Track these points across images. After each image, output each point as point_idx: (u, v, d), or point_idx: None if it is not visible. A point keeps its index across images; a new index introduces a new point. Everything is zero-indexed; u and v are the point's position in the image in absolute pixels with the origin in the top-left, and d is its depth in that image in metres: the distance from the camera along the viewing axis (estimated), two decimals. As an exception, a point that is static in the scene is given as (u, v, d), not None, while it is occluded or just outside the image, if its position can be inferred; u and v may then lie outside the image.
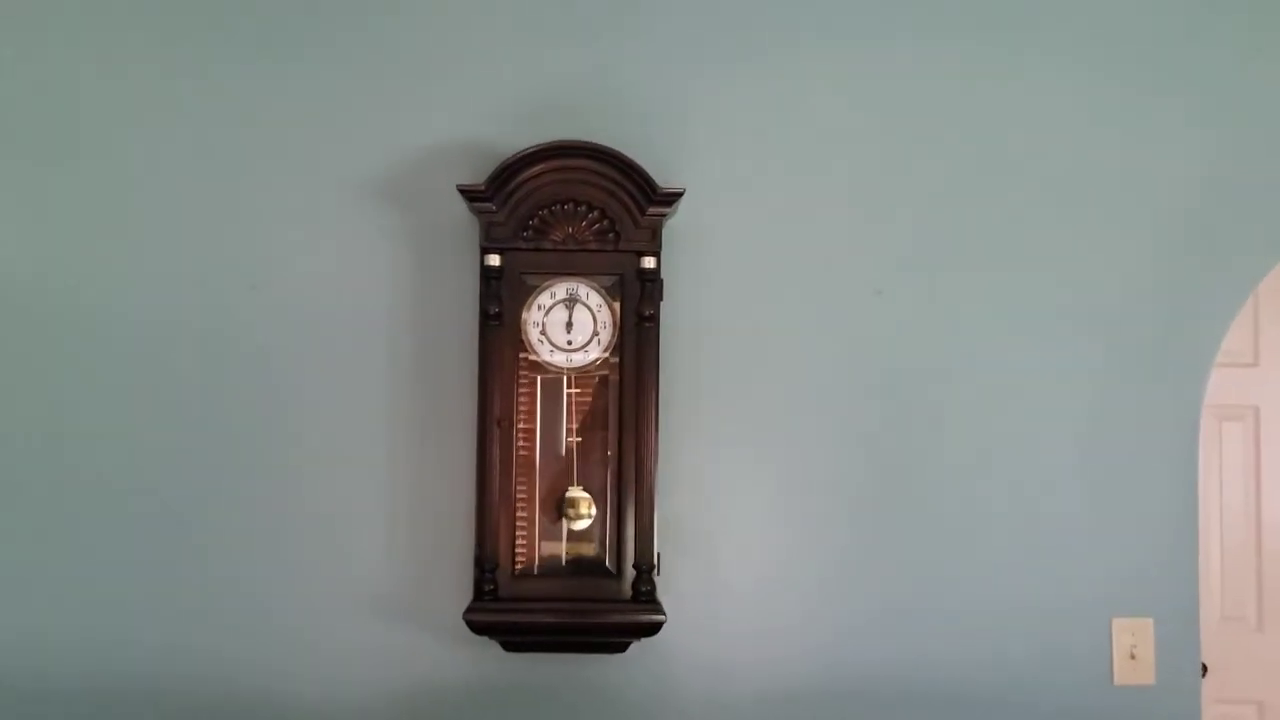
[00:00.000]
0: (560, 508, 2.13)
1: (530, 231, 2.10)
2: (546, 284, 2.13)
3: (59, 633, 2.19)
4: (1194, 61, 2.31)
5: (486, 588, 2.06)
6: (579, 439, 2.15)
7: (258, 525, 2.21)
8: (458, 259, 2.22)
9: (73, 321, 2.22)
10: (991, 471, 2.26)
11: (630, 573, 2.08)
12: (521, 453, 2.11)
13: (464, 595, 2.10)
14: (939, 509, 2.25)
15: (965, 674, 2.23)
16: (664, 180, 2.10)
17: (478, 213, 2.10)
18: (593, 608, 2.08)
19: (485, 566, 2.06)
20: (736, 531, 2.24)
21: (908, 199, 2.29)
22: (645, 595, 2.07)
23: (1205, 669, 2.91)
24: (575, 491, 2.13)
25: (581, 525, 2.13)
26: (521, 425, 2.11)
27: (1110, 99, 2.30)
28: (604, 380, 2.14)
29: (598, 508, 2.13)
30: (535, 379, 2.13)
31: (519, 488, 2.11)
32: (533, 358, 2.12)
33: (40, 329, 2.22)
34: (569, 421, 2.15)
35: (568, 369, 2.13)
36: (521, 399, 2.12)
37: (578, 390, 2.15)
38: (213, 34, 2.26)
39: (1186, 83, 2.31)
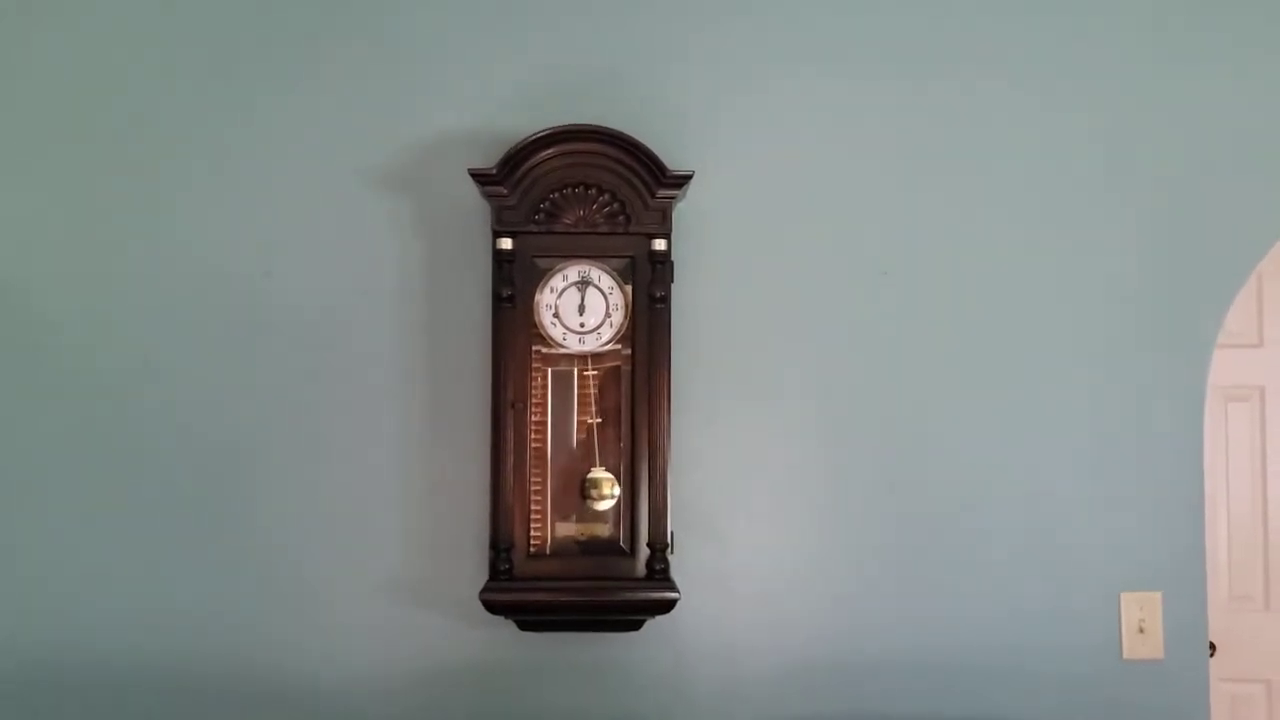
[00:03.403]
0: (583, 489, 2.15)
1: (541, 215, 2.12)
2: (558, 267, 2.15)
3: (90, 613, 2.22)
4: (1193, 36, 2.33)
5: (502, 568, 2.08)
6: (597, 420, 2.17)
7: (275, 511, 2.23)
8: (469, 243, 2.24)
9: (90, 312, 2.25)
10: (1000, 450, 2.28)
11: (644, 551, 2.10)
12: (535, 434, 2.14)
13: (479, 576, 2.12)
14: (947, 487, 2.27)
15: (975, 649, 2.25)
16: (673, 163, 2.12)
17: (489, 197, 2.12)
18: (607, 586, 2.11)
19: (500, 547, 2.08)
20: (748, 511, 2.27)
21: (914, 181, 2.31)
22: (660, 573, 2.09)
23: (1213, 648, 2.94)
24: (598, 472, 2.15)
25: (605, 506, 2.15)
26: (535, 407, 2.13)
27: (1111, 81, 2.32)
28: (617, 362, 2.17)
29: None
30: (550, 360, 2.16)
31: (533, 469, 2.13)
32: (547, 344, 2.14)
33: (59, 320, 2.25)
34: (584, 402, 2.17)
35: (581, 351, 2.16)
36: (536, 382, 2.14)
37: (593, 371, 2.17)
38: (224, 24, 2.29)
39: (1183, 58, 2.33)
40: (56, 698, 2.21)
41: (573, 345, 2.15)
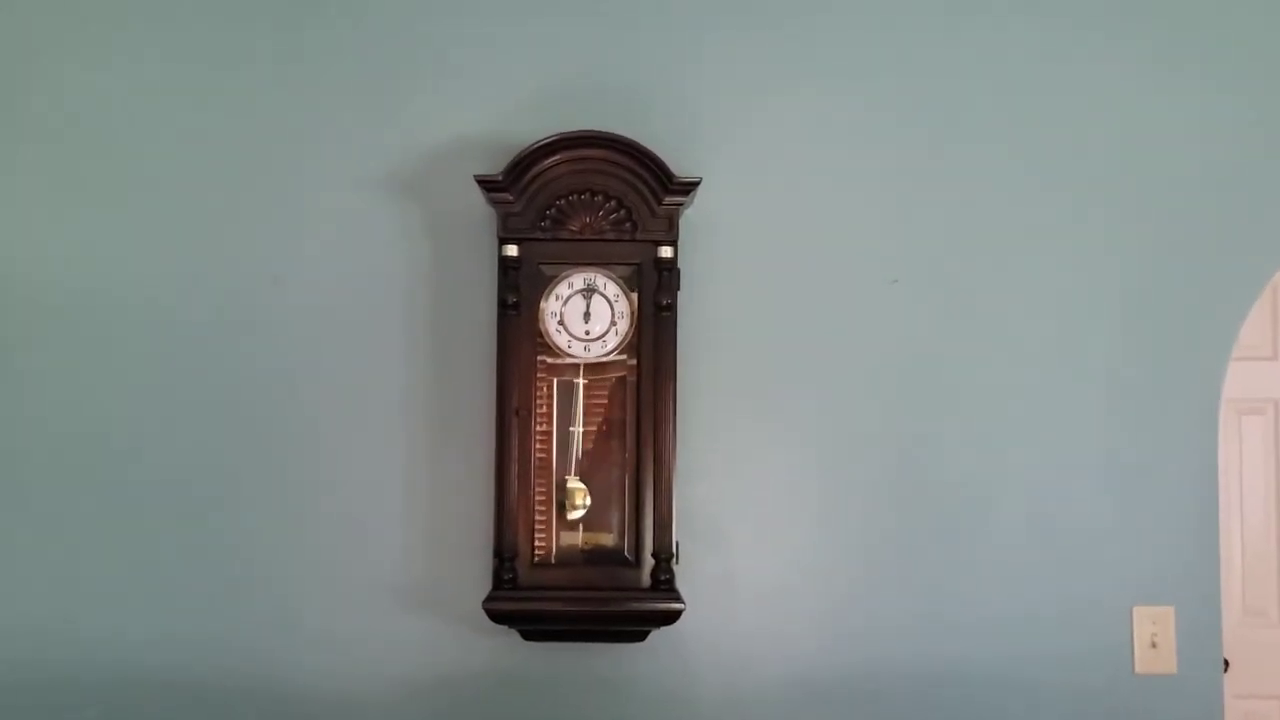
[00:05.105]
0: (558, 496, 2.14)
1: (548, 222, 2.11)
2: (564, 274, 2.14)
3: (86, 627, 2.21)
4: (1208, 51, 2.31)
5: (506, 577, 2.06)
6: (599, 428, 2.16)
7: (279, 518, 2.23)
8: (475, 250, 2.23)
9: (97, 317, 2.25)
10: (1010, 462, 2.26)
11: (649, 561, 2.08)
12: (539, 442, 2.12)
13: (483, 585, 2.10)
14: (958, 499, 2.25)
15: (985, 661, 2.22)
16: (681, 170, 2.11)
17: (495, 203, 2.11)
18: (611, 596, 2.09)
19: (504, 556, 2.07)
20: (754, 521, 2.24)
21: (923, 189, 2.29)
22: (664, 584, 2.07)
23: (1227, 664, 2.90)
24: (573, 482, 2.14)
25: (577, 515, 2.14)
26: (540, 415, 2.12)
27: (1124, 90, 2.30)
28: (622, 370, 2.15)
29: (616, 496, 2.14)
30: (555, 367, 2.14)
31: (537, 477, 2.12)
32: (552, 352, 2.13)
33: (65, 325, 2.25)
34: (589, 411, 2.16)
35: (586, 358, 2.14)
36: (540, 390, 2.12)
37: (595, 380, 2.16)
38: (231, 33, 2.29)
39: (1199, 74, 2.31)
40: (58, 712, 2.20)
41: (578, 353, 2.14)
